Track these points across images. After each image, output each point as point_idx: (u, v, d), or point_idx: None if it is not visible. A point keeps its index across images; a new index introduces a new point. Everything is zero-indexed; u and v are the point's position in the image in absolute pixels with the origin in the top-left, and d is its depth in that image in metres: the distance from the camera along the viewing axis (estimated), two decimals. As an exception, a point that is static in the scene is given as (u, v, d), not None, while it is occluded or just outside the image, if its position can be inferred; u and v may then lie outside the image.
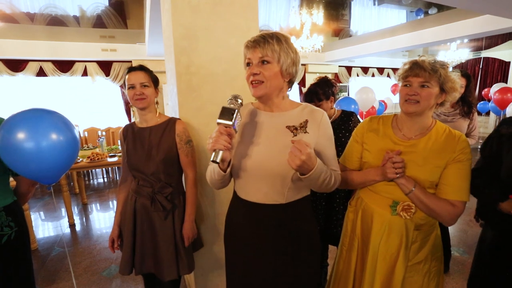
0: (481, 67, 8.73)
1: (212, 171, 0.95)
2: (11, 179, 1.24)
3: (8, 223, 1.14)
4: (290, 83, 0.97)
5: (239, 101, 0.90)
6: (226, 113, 0.82)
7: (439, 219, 1.03)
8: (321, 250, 1.98)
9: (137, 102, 1.29)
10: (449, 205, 0.98)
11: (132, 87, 1.28)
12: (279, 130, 0.95)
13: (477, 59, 8.80)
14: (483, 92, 7.87)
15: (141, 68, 1.32)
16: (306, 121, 0.94)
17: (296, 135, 0.93)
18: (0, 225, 1.12)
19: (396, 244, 1.03)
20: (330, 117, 1.69)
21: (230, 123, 0.82)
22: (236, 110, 0.83)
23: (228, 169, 0.90)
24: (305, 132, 0.93)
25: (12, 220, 1.15)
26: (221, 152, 0.81)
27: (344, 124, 1.67)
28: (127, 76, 1.30)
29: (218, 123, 0.83)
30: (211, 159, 0.81)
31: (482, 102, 7.24)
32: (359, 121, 1.69)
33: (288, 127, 0.94)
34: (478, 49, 8.04)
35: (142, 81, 1.28)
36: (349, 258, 1.16)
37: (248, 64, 0.92)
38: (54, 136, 1.07)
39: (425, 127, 1.05)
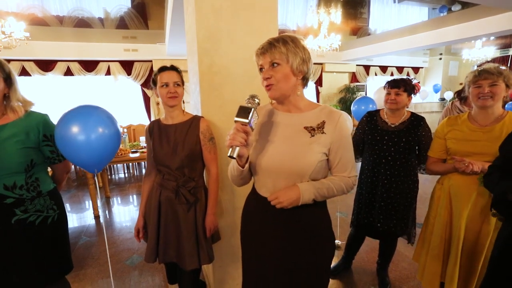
0: (509, 65, 8.30)
1: (232, 168, 1.01)
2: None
3: (52, 206, 1.27)
4: (304, 80, 0.98)
5: (256, 100, 0.93)
6: (243, 111, 0.87)
7: None
8: (355, 241, 2.07)
9: (170, 100, 1.36)
10: None
11: (165, 85, 1.35)
12: (296, 130, 0.97)
13: (504, 57, 8.38)
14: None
15: (173, 68, 1.39)
16: (323, 122, 0.96)
17: (313, 136, 0.95)
18: (46, 208, 1.24)
19: (482, 205, 1.35)
20: (402, 115, 1.71)
21: (246, 121, 0.86)
22: (253, 109, 0.87)
23: (246, 165, 0.94)
24: (322, 133, 0.95)
25: (54, 203, 1.28)
26: (237, 149, 0.85)
27: (414, 128, 1.65)
28: (159, 75, 1.37)
29: (235, 121, 0.87)
30: (228, 155, 0.86)
31: (510, 102, 6.90)
32: (428, 127, 1.68)
33: (306, 127, 0.96)
34: (506, 46, 7.67)
35: (176, 80, 1.36)
36: (440, 221, 1.51)
37: (261, 70, 0.97)
38: (101, 130, 1.21)
39: (498, 115, 1.35)
